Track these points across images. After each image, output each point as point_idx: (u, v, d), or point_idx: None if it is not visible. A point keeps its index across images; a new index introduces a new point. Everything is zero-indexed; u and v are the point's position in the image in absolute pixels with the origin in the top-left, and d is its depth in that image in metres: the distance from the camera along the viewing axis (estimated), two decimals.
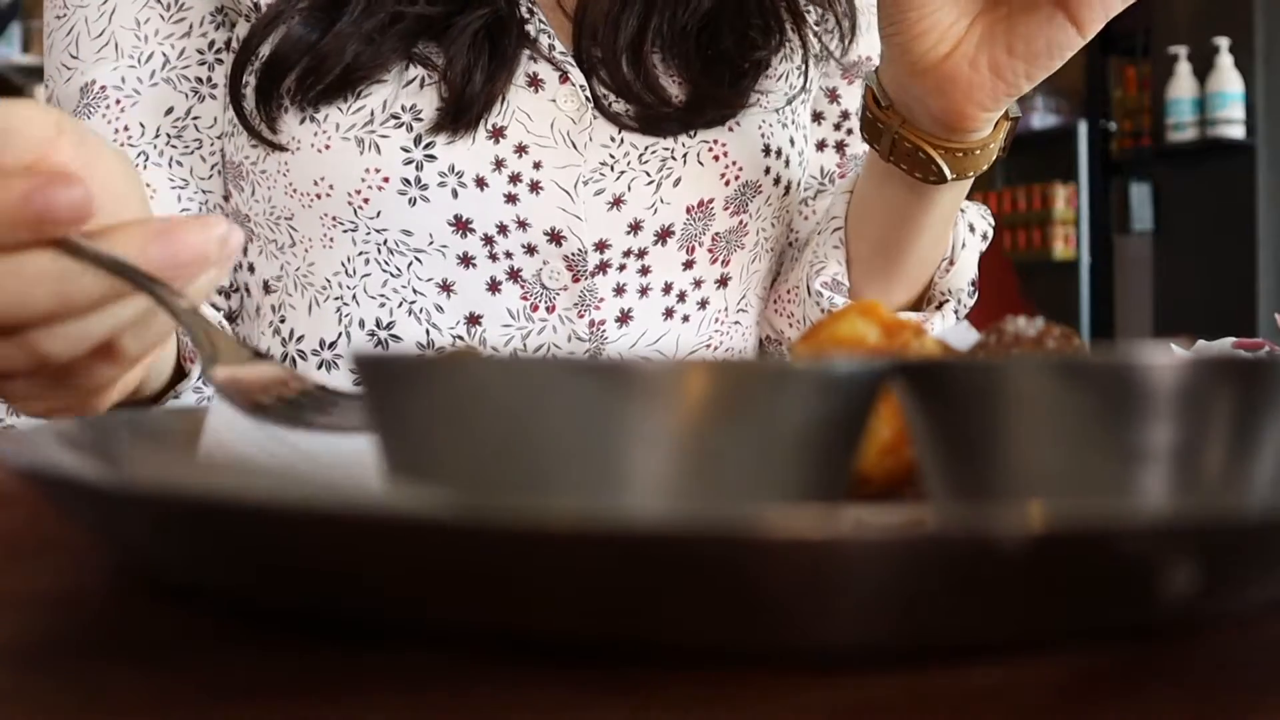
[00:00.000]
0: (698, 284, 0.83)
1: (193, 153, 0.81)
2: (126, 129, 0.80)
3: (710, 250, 0.82)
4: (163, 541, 0.29)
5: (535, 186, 0.77)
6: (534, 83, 0.78)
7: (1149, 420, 0.27)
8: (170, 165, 0.80)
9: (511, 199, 0.77)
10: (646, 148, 0.80)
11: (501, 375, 0.27)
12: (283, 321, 0.81)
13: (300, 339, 0.80)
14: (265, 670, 0.25)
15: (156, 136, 0.80)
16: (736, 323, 0.86)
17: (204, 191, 0.82)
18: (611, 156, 0.79)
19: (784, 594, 0.24)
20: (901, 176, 0.74)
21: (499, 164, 0.77)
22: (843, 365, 0.28)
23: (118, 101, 0.80)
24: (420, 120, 0.75)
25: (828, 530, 0.23)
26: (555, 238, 0.78)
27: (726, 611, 0.24)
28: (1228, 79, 4.02)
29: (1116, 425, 0.27)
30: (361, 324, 0.79)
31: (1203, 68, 4.09)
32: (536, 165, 0.77)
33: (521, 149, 0.77)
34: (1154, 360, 0.27)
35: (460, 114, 0.75)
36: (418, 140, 0.75)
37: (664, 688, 0.24)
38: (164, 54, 0.80)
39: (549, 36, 0.79)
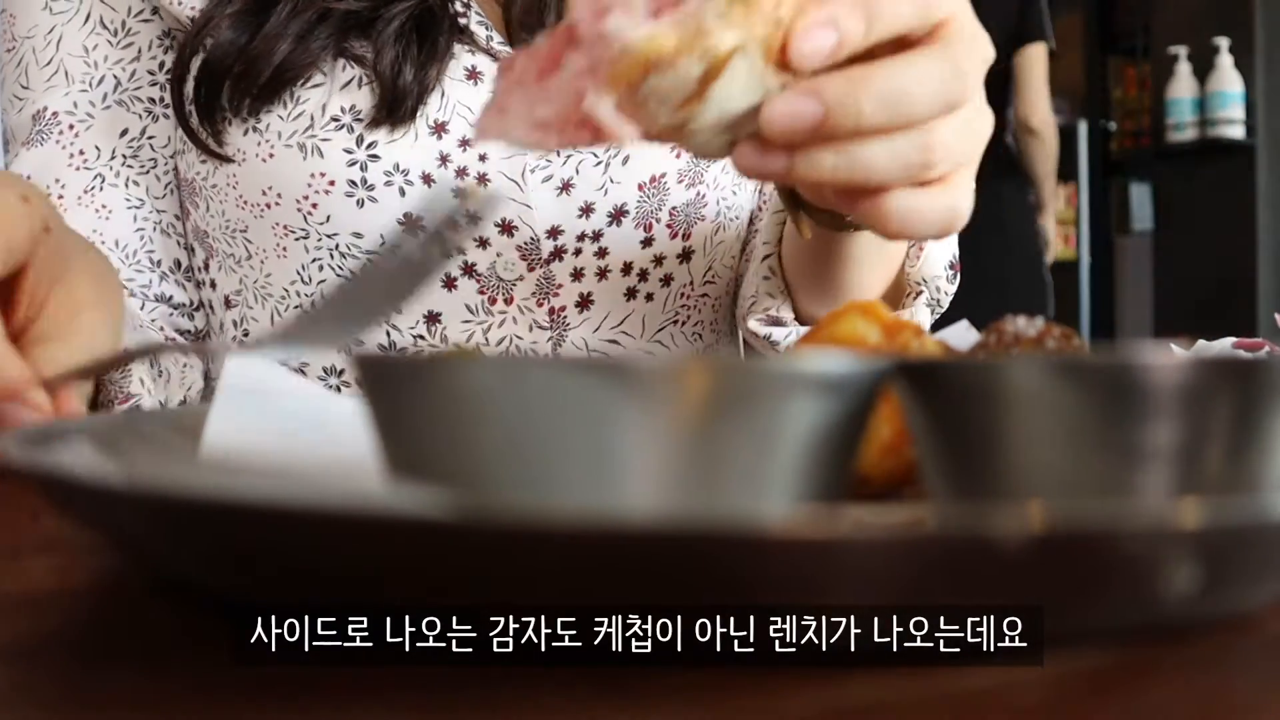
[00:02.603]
0: (659, 261, 0.82)
1: (148, 172, 0.82)
2: (82, 153, 0.81)
3: (669, 225, 0.81)
4: (162, 541, 0.29)
5: (482, 179, 0.77)
6: (472, 75, 0.78)
7: (1149, 420, 0.27)
8: (126, 185, 0.81)
9: (459, 193, 0.77)
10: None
11: (501, 375, 0.27)
12: (246, 335, 0.81)
13: None
14: (264, 670, 0.25)
15: (113, 158, 0.81)
16: (704, 295, 0.85)
17: (158, 211, 0.82)
18: None
19: (783, 594, 0.24)
20: None
21: (444, 159, 0.77)
22: (843, 365, 0.28)
23: (71, 127, 0.81)
24: (360, 120, 0.75)
25: (828, 530, 0.23)
26: (506, 228, 0.78)
27: (726, 611, 0.24)
28: (1228, 79, 4.02)
29: (1116, 425, 0.27)
30: None
31: (1203, 68, 4.09)
32: (482, 158, 0.77)
33: (465, 143, 0.77)
34: (1154, 360, 0.27)
35: (395, 107, 0.75)
36: (359, 141, 0.75)
37: (664, 688, 0.24)
38: (115, 76, 0.81)
39: (486, 28, 0.78)
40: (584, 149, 0.78)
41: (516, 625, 0.25)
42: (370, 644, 0.26)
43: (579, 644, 0.25)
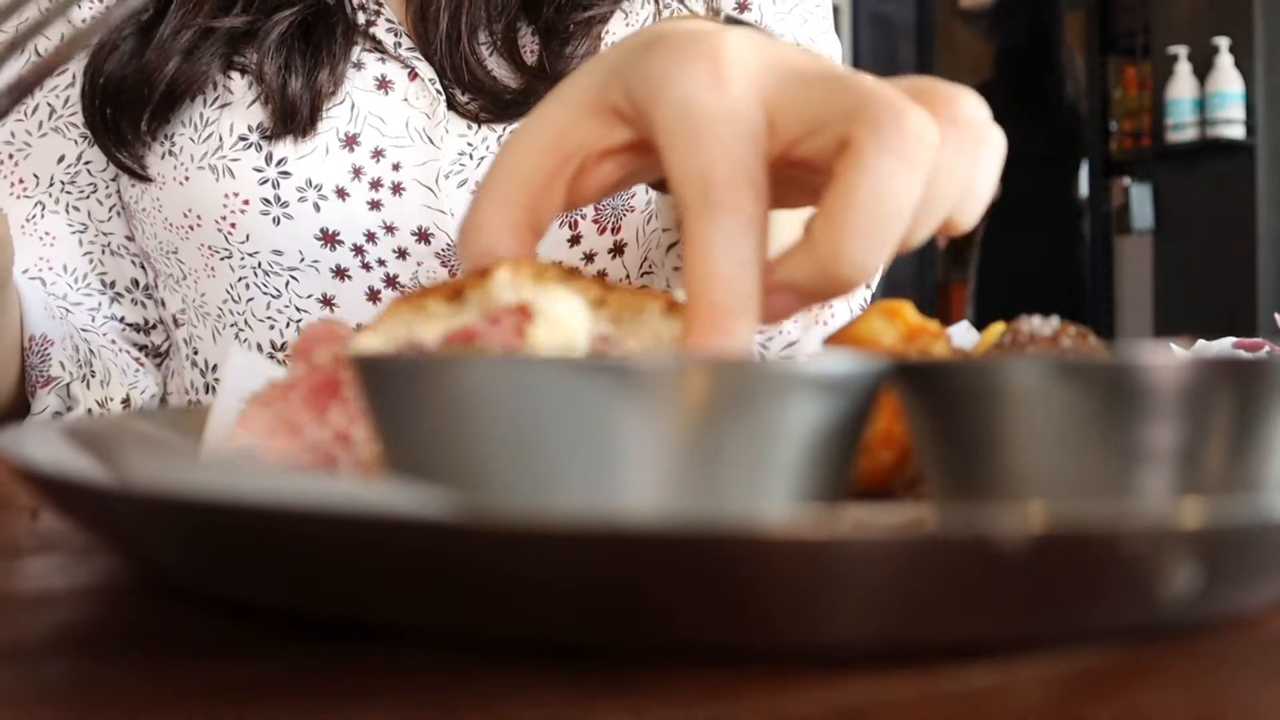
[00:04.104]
0: (589, 258, 0.80)
1: (89, 197, 0.82)
2: (21, 181, 0.81)
3: (596, 221, 0.80)
4: (162, 541, 0.29)
5: (397, 189, 0.77)
6: (383, 84, 0.77)
7: (1149, 420, 0.27)
8: (68, 211, 0.82)
9: (375, 205, 0.77)
10: (505, 129, 0.78)
11: (501, 375, 0.27)
12: (195, 353, 0.82)
13: (214, 368, 0.81)
14: (264, 670, 0.25)
15: (51, 185, 0.81)
16: (643, 287, 0.83)
17: (104, 234, 0.83)
18: (470, 145, 0.78)
19: (784, 594, 0.24)
20: None
21: (357, 172, 0.76)
22: (843, 365, 0.28)
23: (10, 156, 0.81)
24: (267, 137, 0.75)
25: (828, 530, 0.23)
26: (423, 237, 0.77)
27: (726, 611, 0.24)
28: (1228, 79, 4.02)
29: (1116, 425, 0.27)
30: (259, 348, 0.79)
31: (1203, 68, 4.09)
32: (395, 167, 0.77)
33: (378, 153, 0.77)
34: (1154, 360, 0.27)
35: (289, 116, 0.75)
36: (269, 158, 0.75)
37: (664, 688, 0.24)
38: (49, 104, 0.81)
39: (395, 34, 0.78)
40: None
41: (516, 625, 0.25)
42: (368, 644, 0.26)
43: (579, 644, 0.25)
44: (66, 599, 0.32)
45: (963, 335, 0.44)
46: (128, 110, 0.75)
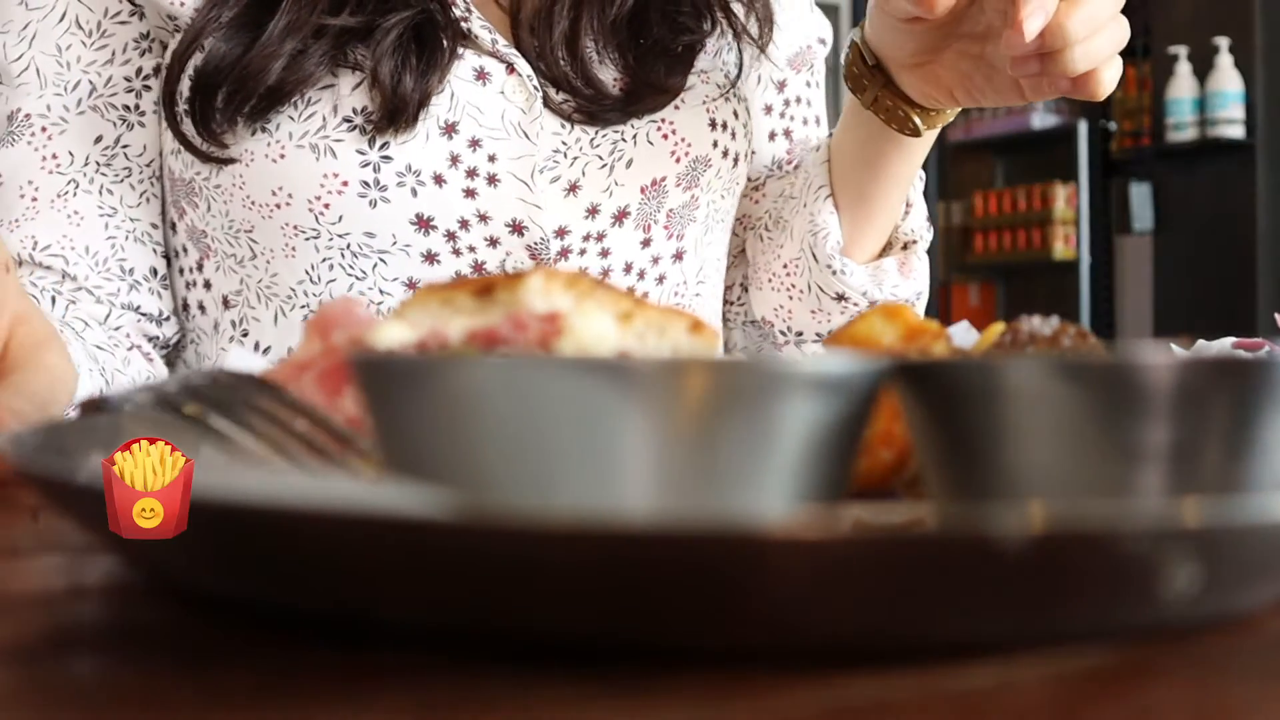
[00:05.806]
0: (655, 260, 0.84)
1: (122, 181, 0.82)
2: (55, 156, 0.80)
3: (666, 227, 0.84)
4: (162, 541, 0.29)
5: (493, 179, 0.78)
6: (481, 76, 0.79)
7: (1148, 420, 0.27)
8: (100, 193, 0.81)
9: (470, 194, 0.78)
10: (597, 132, 0.81)
11: (501, 375, 0.27)
12: (245, 335, 0.81)
13: (267, 350, 0.81)
14: (265, 670, 0.25)
15: (86, 164, 0.81)
16: (698, 294, 0.88)
17: (131, 220, 0.82)
18: (564, 143, 0.80)
19: (784, 594, 0.24)
20: (881, 131, 0.79)
21: (455, 160, 0.77)
22: (842, 365, 0.28)
23: (44, 129, 0.80)
24: (372, 122, 0.76)
25: (828, 530, 0.23)
26: (517, 228, 0.79)
27: (725, 611, 0.24)
28: (1228, 79, 4.02)
29: (1116, 425, 0.27)
30: None
31: (1203, 68, 4.09)
32: (491, 158, 0.78)
33: (475, 143, 0.78)
34: (1153, 360, 0.27)
35: (395, 115, 0.76)
36: (372, 142, 0.76)
37: (664, 688, 0.24)
38: (90, 81, 0.81)
39: (490, 32, 0.79)
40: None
41: (515, 625, 0.25)
42: (368, 644, 0.26)
43: (579, 644, 0.25)
44: (66, 599, 0.32)
45: (963, 335, 0.44)
46: (225, 106, 0.75)
